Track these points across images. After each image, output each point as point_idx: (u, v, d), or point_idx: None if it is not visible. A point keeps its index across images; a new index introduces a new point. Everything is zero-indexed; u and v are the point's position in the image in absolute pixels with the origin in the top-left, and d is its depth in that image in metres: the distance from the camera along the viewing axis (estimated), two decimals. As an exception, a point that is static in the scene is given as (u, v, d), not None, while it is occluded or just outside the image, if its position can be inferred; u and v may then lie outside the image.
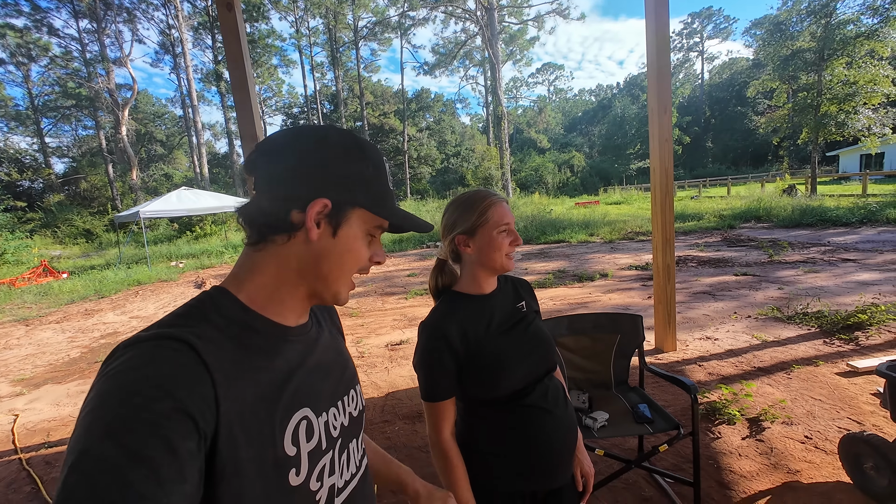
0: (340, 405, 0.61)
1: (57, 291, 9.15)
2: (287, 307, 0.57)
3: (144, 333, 0.45)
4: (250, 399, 0.47)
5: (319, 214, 0.54)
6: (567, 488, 1.03)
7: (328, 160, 0.55)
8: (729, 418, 2.44)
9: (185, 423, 0.40)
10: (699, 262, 7.16)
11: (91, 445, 0.36)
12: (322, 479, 0.54)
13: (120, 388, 0.40)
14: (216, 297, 0.53)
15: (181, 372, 0.42)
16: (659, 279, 3.52)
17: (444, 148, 41.81)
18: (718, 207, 14.25)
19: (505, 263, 0.99)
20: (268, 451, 0.48)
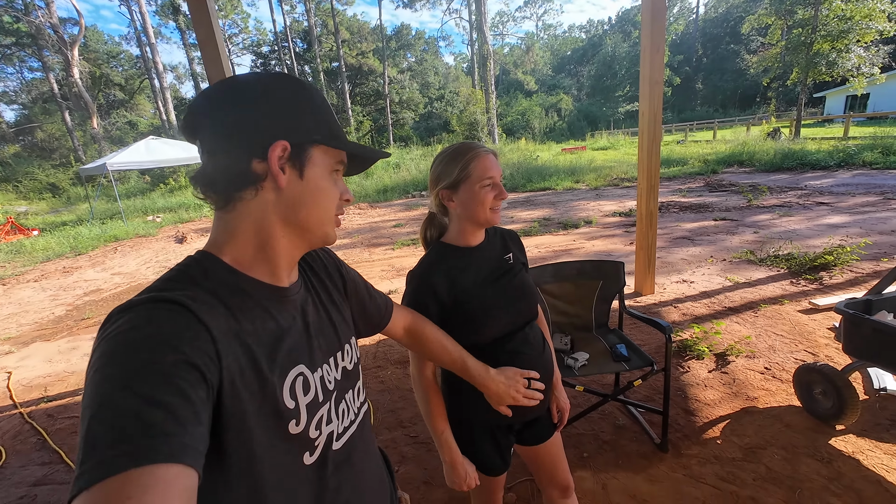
0: (333, 361, 0.63)
1: (30, 249, 8.85)
2: (276, 265, 0.57)
3: (138, 298, 0.46)
4: (246, 359, 0.49)
5: (282, 159, 0.53)
6: (542, 419, 1.13)
7: (275, 103, 0.53)
8: (698, 354, 2.63)
9: (193, 373, 0.42)
10: (681, 208, 7.30)
11: (107, 398, 0.38)
12: (320, 428, 0.57)
13: (125, 346, 0.41)
14: (202, 262, 0.53)
15: (181, 329, 0.43)
16: (642, 225, 3.59)
17: (428, 91, 39.73)
18: (703, 152, 14.26)
19: (489, 217, 0.99)
20: (268, 405, 0.50)
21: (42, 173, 21.94)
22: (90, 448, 0.35)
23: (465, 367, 0.92)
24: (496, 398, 0.95)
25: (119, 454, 0.35)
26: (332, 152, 0.58)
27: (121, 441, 0.35)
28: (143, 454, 0.35)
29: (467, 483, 1.01)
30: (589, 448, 1.96)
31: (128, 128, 29.36)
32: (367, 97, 36.80)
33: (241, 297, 0.52)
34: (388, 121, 33.67)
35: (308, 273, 0.68)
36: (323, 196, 0.57)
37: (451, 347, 0.91)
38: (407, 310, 0.90)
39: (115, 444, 0.35)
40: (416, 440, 2.14)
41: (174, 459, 0.36)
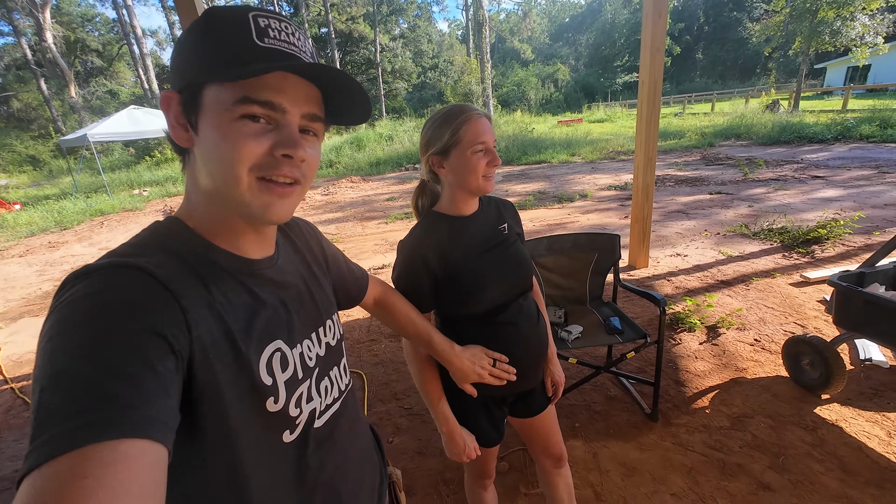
0: (315, 336, 0.59)
1: (13, 224, 8.62)
2: (241, 238, 0.51)
3: (97, 263, 0.41)
4: (220, 331, 0.45)
5: (177, 113, 0.46)
6: (536, 392, 1.12)
7: (177, 51, 0.47)
8: (690, 326, 2.66)
9: (160, 343, 0.38)
10: (676, 182, 7.25)
11: (62, 368, 0.33)
12: (300, 406, 0.54)
13: (82, 314, 0.36)
14: (171, 227, 0.49)
15: (146, 298, 0.39)
16: (638, 198, 3.55)
17: (421, 60, 38.39)
18: (701, 125, 14.08)
19: (482, 185, 0.94)
20: (244, 380, 0.47)
21: (21, 145, 21.21)
22: (43, 422, 0.31)
23: (431, 342, 0.91)
24: (460, 375, 0.94)
25: (76, 428, 0.31)
26: (228, 90, 0.43)
27: (78, 414, 0.32)
28: (103, 428, 0.31)
29: (466, 454, 1.00)
30: (581, 418, 1.99)
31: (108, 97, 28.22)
32: (359, 66, 35.48)
33: (212, 267, 0.48)
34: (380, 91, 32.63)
35: (287, 245, 0.63)
36: (220, 151, 0.44)
37: (417, 320, 0.90)
38: (379, 282, 0.89)
39: (72, 418, 0.31)
40: (409, 412, 2.16)
41: (139, 434, 0.33)
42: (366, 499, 0.66)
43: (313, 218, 7.03)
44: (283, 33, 0.46)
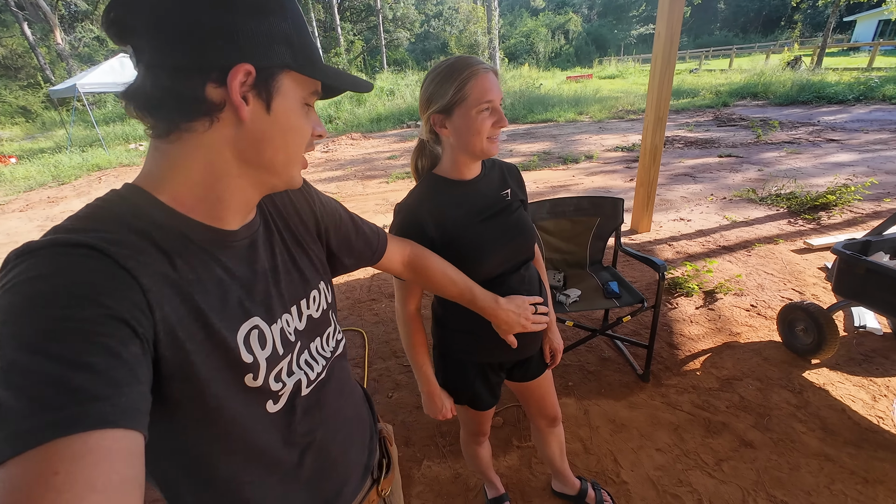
0: (295, 310, 0.57)
1: (10, 178, 8.52)
2: (226, 207, 0.48)
3: (39, 241, 0.37)
4: (187, 309, 0.43)
5: (245, 86, 0.42)
6: (533, 358, 1.13)
7: (238, 12, 0.41)
8: (688, 291, 2.67)
9: (121, 328, 0.35)
10: (686, 143, 7.03)
11: (15, 360, 0.31)
12: (281, 379, 0.52)
13: (29, 301, 0.33)
14: (129, 197, 0.44)
15: (98, 278, 0.36)
16: (645, 160, 3.45)
17: (424, 7, 36.02)
18: (716, 83, 13.44)
19: (486, 148, 0.88)
20: (219, 356, 0.45)
21: (10, 95, 20.49)
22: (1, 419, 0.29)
23: (473, 298, 0.88)
24: (506, 327, 0.91)
25: (39, 425, 0.29)
26: (306, 82, 0.48)
27: (40, 410, 0.30)
28: (69, 422, 0.30)
29: (443, 413, 1.04)
30: (574, 378, 2.05)
31: (96, 44, 26.87)
32: (358, 13, 33.41)
33: (181, 241, 0.44)
34: (381, 41, 30.96)
35: (271, 212, 0.59)
36: (294, 133, 0.48)
37: (457, 278, 0.86)
38: (404, 241, 0.84)
39: (33, 414, 0.30)
40: (408, 369, 2.23)
41: (109, 424, 0.31)
42: (356, 456, 0.67)
43: (313, 176, 6.92)
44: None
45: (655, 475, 1.55)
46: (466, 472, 1.62)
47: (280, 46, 0.44)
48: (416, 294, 0.99)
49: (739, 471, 1.53)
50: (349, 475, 0.66)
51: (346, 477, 0.65)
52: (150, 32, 0.40)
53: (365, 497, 0.69)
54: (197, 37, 0.40)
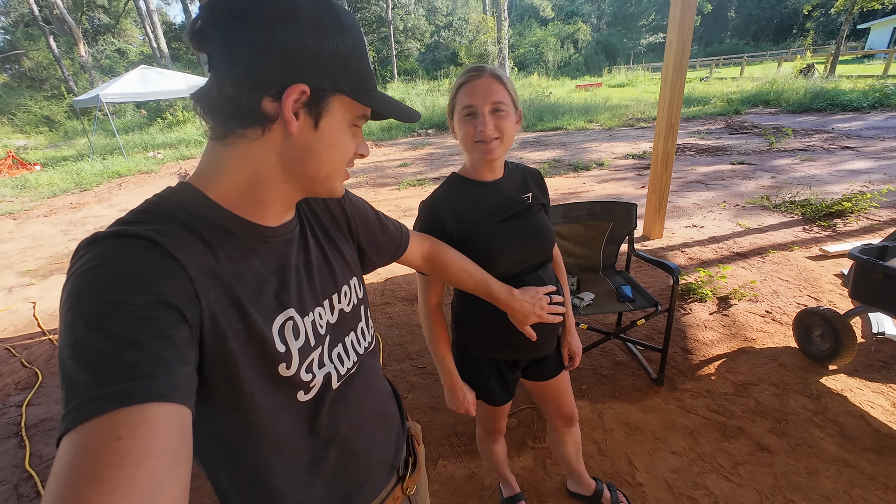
0: (328, 304, 0.60)
1: (35, 184, 8.82)
2: (268, 207, 0.52)
3: (104, 232, 0.42)
4: (228, 300, 0.46)
5: (297, 103, 0.47)
6: (550, 358, 1.15)
7: (301, 35, 0.45)
8: (701, 297, 2.67)
9: (171, 313, 0.39)
10: (697, 151, 7.01)
11: (82, 338, 0.35)
12: (312, 370, 0.55)
13: (90, 286, 0.38)
14: (182, 194, 0.48)
15: (151, 267, 0.40)
16: (656, 167, 3.47)
17: (435, 18, 36.58)
18: (727, 90, 13.37)
19: (473, 152, 0.92)
20: (254, 346, 0.48)
21: (35, 105, 21.23)
22: (72, 388, 0.34)
23: (489, 290, 0.90)
24: (522, 318, 0.94)
25: (101, 396, 0.33)
26: (356, 106, 0.52)
27: (103, 383, 0.33)
28: (127, 395, 0.33)
29: (465, 407, 1.06)
30: (588, 381, 2.06)
31: (117, 56, 27.79)
32: (370, 24, 34.03)
33: (223, 235, 0.48)
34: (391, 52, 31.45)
35: (305, 211, 0.63)
36: (336, 151, 0.52)
37: (473, 271, 0.89)
38: (424, 237, 0.88)
39: (97, 386, 0.33)
40: (423, 371, 2.26)
41: (162, 399, 0.35)
42: (380, 453, 0.69)
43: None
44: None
45: (671, 478, 1.55)
46: (482, 472, 1.63)
47: (336, 71, 0.48)
48: (438, 289, 1.03)
49: (756, 475, 1.53)
50: (372, 472, 0.67)
51: (368, 473, 0.66)
52: (223, 44, 0.45)
53: (389, 494, 0.70)
54: (261, 54, 0.44)
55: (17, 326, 3.20)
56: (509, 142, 0.93)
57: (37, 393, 2.36)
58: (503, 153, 0.95)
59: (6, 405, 2.28)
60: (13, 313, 3.43)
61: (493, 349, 1.08)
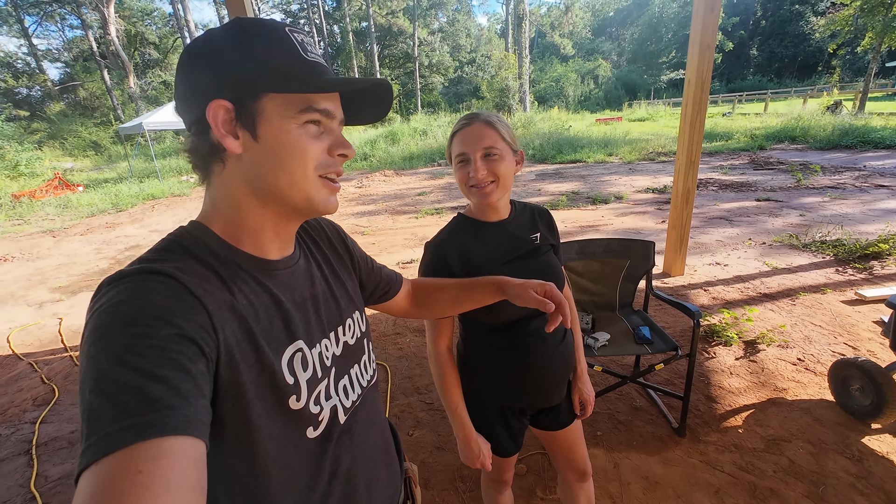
0: (333, 336, 0.60)
1: (76, 204, 9.35)
2: (264, 239, 0.53)
3: (127, 269, 0.43)
4: (243, 333, 0.47)
5: (227, 121, 0.46)
6: (561, 407, 1.09)
7: (212, 60, 0.46)
8: (726, 340, 2.53)
9: (191, 346, 0.40)
10: (720, 186, 6.88)
11: (105, 372, 0.36)
12: (320, 403, 0.55)
13: (116, 320, 0.39)
14: (194, 232, 0.51)
15: (173, 303, 0.41)
16: (677, 203, 3.40)
17: (458, 54, 38.22)
18: (751, 126, 13.26)
19: (471, 197, 0.94)
20: (265, 379, 0.48)
21: (85, 131, 22.88)
22: (93, 423, 0.34)
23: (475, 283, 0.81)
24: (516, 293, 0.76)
25: (123, 428, 0.34)
26: (294, 99, 0.47)
27: (125, 415, 0.34)
28: (148, 428, 0.34)
29: (481, 461, 1.00)
30: (603, 427, 1.95)
31: (163, 87, 29.89)
32: (396, 60, 35.79)
33: (234, 270, 0.50)
34: (416, 85, 32.81)
35: (308, 244, 0.64)
36: (288, 154, 0.48)
37: (454, 280, 0.85)
38: (408, 281, 0.88)
39: (119, 419, 0.34)
40: (431, 407, 2.19)
41: (180, 432, 0.36)
42: (382, 491, 0.67)
43: (346, 210, 7.20)
44: (313, 46, 0.51)
45: (694, 543, 1.41)
46: (487, 523, 1.54)
47: (256, 74, 0.46)
48: (447, 332, 1.00)
49: (791, 546, 1.38)
50: None
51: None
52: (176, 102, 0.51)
53: None
54: (186, 99, 0.48)
55: (42, 342, 3.31)
56: (507, 184, 0.93)
57: (51, 410, 2.40)
58: (502, 195, 0.94)
59: (21, 421, 2.32)
60: (41, 328, 3.56)
61: (499, 394, 1.03)
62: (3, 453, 2.07)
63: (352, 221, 6.30)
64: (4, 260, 5.80)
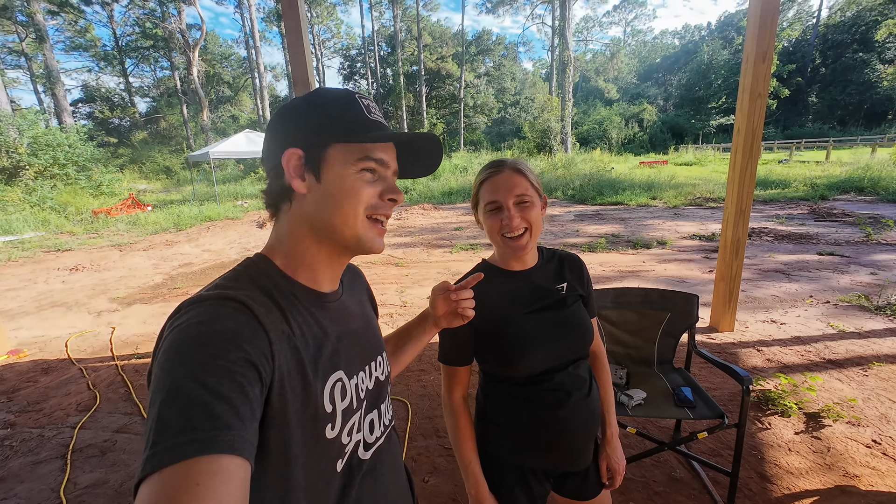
0: (368, 369, 0.64)
1: (143, 222, 10.27)
2: (318, 272, 0.59)
3: (206, 293, 0.49)
4: (294, 362, 0.50)
5: (297, 166, 0.55)
6: (588, 474, 1.00)
7: (292, 118, 0.56)
8: (783, 410, 2.26)
9: (252, 371, 0.44)
10: (776, 237, 6.43)
11: (179, 385, 0.40)
12: (351, 435, 0.58)
13: (193, 339, 0.43)
14: (260, 264, 0.57)
15: (244, 329, 0.46)
16: (725, 254, 3.20)
17: (503, 96, 39.58)
18: (811, 174, 12.49)
19: (503, 247, 0.91)
20: (309, 408, 0.51)
21: (160, 157, 25.57)
22: (161, 431, 0.37)
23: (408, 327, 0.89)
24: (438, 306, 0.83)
25: (187, 441, 0.37)
26: (354, 149, 0.56)
27: (190, 429, 0.37)
28: (209, 444, 0.37)
29: None
30: (636, 497, 1.76)
31: (231, 121, 33.11)
32: (443, 100, 37.56)
33: (291, 300, 0.55)
34: (460, 124, 34.07)
35: (349, 283, 0.70)
36: (343, 195, 0.55)
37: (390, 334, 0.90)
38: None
39: (185, 432, 0.37)
40: (449, 452, 2.09)
41: (235, 452, 0.38)
42: None
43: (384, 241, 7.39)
44: (377, 110, 0.60)
45: None
46: None
47: (325, 127, 0.55)
48: (463, 380, 0.96)
49: None
50: None
51: None
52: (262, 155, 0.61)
53: None
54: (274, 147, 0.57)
55: (94, 348, 3.54)
56: (538, 231, 0.92)
57: (91, 417, 2.52)
58: (534, 244, 0.93)
59: (63, 425, 2.45)
60: (95, 335, 3.83)
61: (519, 453, 0.96)
62: (42, 455, 2.18)
63: (387, 252, 6.43)
64: (76, 269, 6.39)
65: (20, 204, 10.97)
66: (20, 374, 3.11)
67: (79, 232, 9.65)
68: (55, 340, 3.74)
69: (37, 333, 3.94)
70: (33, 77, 26.73)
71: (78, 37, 29.40)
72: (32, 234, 9.37)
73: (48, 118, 20.00)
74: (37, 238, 8.93)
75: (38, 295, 5.21)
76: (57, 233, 9.65)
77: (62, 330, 4.00)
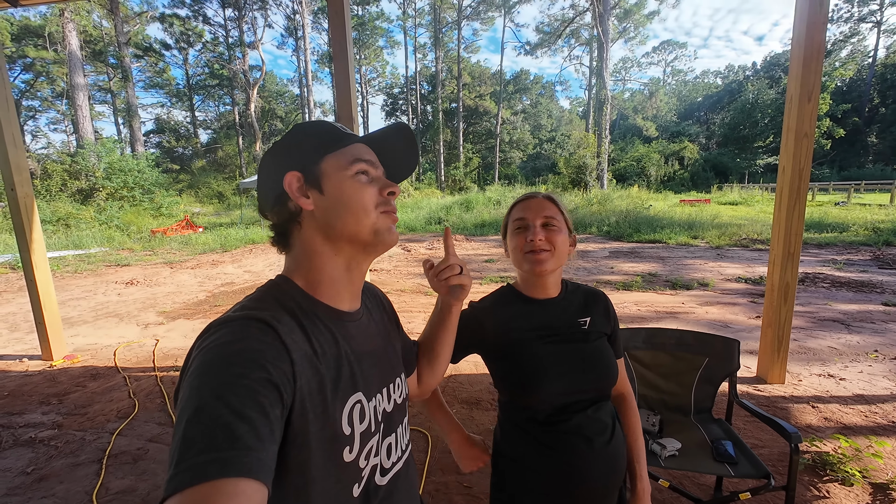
0: (386, 391, 0.64)
1: (194, 242, 11.01)
2: (338, 289, 0.60)
3: (233, 314, 0.51)
4: (315, 382, 0.51)
5: (300, 187, 0.59)
6: None
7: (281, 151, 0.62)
8: (844, 478, 2.02)
9: (274, 392, 0.45)
10: (833, 283, 5.95)
11: (204, 404, 0.41)
12: (368, 458, 0.57)
13: (221, 359, 0.45)
14: (282, 285, 0.59)
15: (268, 349, 0.47)
16: (772, 299, 3.00)
17: (539, 133, 40.20)
18: (874, 218, 11.58)
19: (523, 264, 0.92)
20: (328, 429, 0.51)
21: (215, 183, 27.65)
22: (185, 450, 0.39)
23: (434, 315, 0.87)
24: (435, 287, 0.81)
25: (209, 461, 0.38)
26: (343, 155, 0.60)
27: (213, 449, 0.38)
28: (230, 465, 0.38)
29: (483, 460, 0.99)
30: (671, 561, 1.61)
31: (280, 152, 35.56)
32: (479, 136, 38.62)
33: (313, 320, 0.56)
34: (495, 159, 34.73)
35: (368, 304, 0.70)
36: (349, 198, 0.59)
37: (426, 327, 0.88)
38: None
39: (207, 451, 0.38)
40: (469, 492, 2.01)
41: (252, 475, 0.39)
42: None
43: (413, 269, 7.49)
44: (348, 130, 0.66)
45: None
46: None
47: (313, 146, 0.60)
48: None
49: None
50: None
51: None
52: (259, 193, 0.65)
53: None
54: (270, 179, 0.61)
55: (139, 358, 3.76)
56: (562, 258, 0.91)
57: (128, 424, 2.64)
58: (555, 268, 0.92)
59: (103, 430, 2.59)
60: (141, 346, 4.07)
61: (536, 490, 0.92)
62: (82, 457, 2.30)
63: (416, 281, 6.50)
64: (131, 283, 6.90)
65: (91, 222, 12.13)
66: (72, 378, 3.34)
67: (137, 249, 10.48)
68: (105, 349, 4.01)
69: (91, 341, 4.25)
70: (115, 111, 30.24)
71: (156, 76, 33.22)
72: (98, 249, 10.27)
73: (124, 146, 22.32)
74: (101, 253, 9.77)
75: (96, 305, 5.64)
76: (119, 249, 10.53)
77: (113, 339, 4.29)
